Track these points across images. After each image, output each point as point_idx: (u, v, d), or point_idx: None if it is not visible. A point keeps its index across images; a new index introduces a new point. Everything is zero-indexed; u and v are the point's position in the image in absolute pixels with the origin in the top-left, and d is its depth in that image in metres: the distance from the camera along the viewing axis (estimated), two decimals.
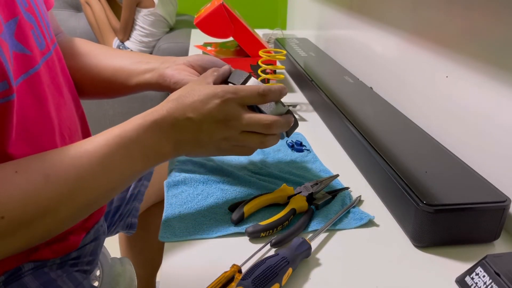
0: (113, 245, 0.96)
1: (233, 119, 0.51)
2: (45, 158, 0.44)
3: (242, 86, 0.52)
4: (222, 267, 0.47)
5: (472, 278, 0.45)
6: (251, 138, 0.53)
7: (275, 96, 0.54)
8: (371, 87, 0.96)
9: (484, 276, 0.44)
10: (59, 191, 0.42)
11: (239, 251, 0.51)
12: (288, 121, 0.55)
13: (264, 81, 0.95)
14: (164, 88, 0.63)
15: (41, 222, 0.42)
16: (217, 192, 0.62)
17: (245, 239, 0.53)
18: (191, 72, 0.63)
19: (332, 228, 0.55)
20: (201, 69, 0.64)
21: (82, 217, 0.47)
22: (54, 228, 0.45)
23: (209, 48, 1.20)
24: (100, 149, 0.45)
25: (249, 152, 0.55)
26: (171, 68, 0.63)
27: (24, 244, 0.43)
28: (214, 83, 0.55)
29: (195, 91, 0.50)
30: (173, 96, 0.51)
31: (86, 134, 0.65)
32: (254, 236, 0.53)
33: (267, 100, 0.53)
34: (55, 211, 0.42)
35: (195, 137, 0.50)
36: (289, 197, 0.59)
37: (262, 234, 0.53)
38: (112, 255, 0.79)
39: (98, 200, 0.46)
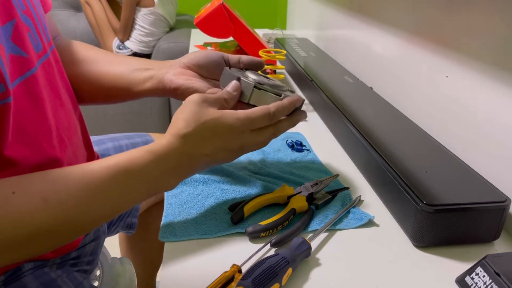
0: (113, 245, 0.96)
1: (248, 145, 0.52)
2: (45, 180, 0.43)
3: (253, 113, 0.52)
4: (222, 267, 0.47)
5: (472, 278, 0.45)
6: (262, 136, 0.53)
7: (284, 113, 0.54)
8: (371, 87, 0.96)
9: (484, 276, 0.44)
10: (55, 216, 0.42)
11: (239, 251, 0.51)
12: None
13: None
14: (166, 93, 0.63)
15: (33, 244, 0.41)
16: (217, 192, 0.62)
17: (245, 239, 0.54)
18: (189, 75, 0.63)
19: (332, 228, 0.55)
20: (197, 69, 0.64)
21: (76, 238, 0.46)
22: (47, 249, 0.44)
23: (209, 48, 1.20)
24: (103, 179, 0.44)
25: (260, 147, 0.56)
26: (169, 73, 0.63)
27: (12, 261, 0.42)
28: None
29: (210, 125, 0.49)
30: (186, 129, 0.49)
31: (84, 135, 0.65)
32: (254, 236, 0.53)
33: (278, 118, 0.54)
34: (49, 234, 0.42)
35: (207, 165, 0.51)
36: (289, 197, 0.59)
37: (262, 234, 0.53)
38: (112, 255, 0.79)
39: (97, 223, 0.46)
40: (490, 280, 0.44)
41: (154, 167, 0.47)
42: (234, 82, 0.56)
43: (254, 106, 0.55)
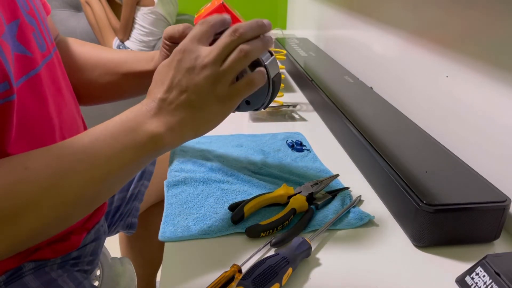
0: (113, 245, 0.96)
1: (201, 57, 0.45)
2: (28, 152, 0.42)
3: (196, 27, 0.48)
4: (222, 267, 0.47)
5: (472, 278, 0.46)
6: (231, 57, 0.45)
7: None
8: (371, 87, 0.96)
9: (484, 276, 0.44)
10: (39, 183, 0.40)
11: (239, 251, 0.51)
12: (258, 21, 0.47)
13: None
14: None
15: (23, 218, 0.39)
16: (217, 192, 0.62)
17: (245, 239, 0.54)
18: None
19: (332, 228, 0.55)
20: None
21: (74, 215, 0.44)
22: (40, 224, 0.41)
23: None
24: (83, 139, 0.43)
25: (251, 80, 0.47)
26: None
27: (8, 244, 0.40)
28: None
29: (162, 67, 0.47)
30: (150, 86, 0.48)
31: None
32: (254, 236, 0.53)
33: (219, 24, 0.47)
34: (36, 205, 0.40)
35: (185, 101, 0.45)
36: (289, 197, 0.59)
37: (262, 234, 0.53)
38: (112, 255, 0.79)
39: (85, 194, 0.43)
40: (490, 280, 0.44)
41: (128, 117, 0.45)
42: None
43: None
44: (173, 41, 0.58)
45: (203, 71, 0.45)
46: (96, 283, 0.72)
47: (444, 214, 0.51)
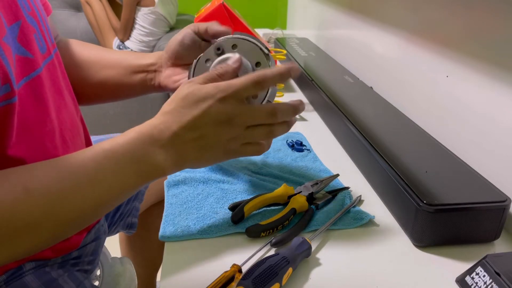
0: (113, 245, 0.96)
1: (235, 116, 0.46)
2: (28, 169, 0.41)
3: (234, 80, 0.47)
4: (222, 267, 0.47)
5: (472, 278, 0.46)
6: (258, 130, 0.48)
7: (275, 80, 0.48)
8: (371, 87, 0.96)
9: (484, 276, 0.44)
10: (40, 205, 0.39)
11: (239, 251, 0.51)
12: (295, 107, 0.51)
13: None
14: (164, 91, 0.67)
15: (21, 238, 0.39)
16: (217, 192, 0.62)
17: (245, 239, 0.54)
18: (178, 72, 0.64)
19: (332, 228, 0.55)
20: (181, 61, 0.63)
21: (69, 234, 0.44)
22: (37, 244, 0.42)
23: None
24: (87, 162, 0.42)
25: (259, 150, 0.50)
26: (161, 76, 0.65)
27: (1, 261, 0.40)
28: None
29: (189, 97, 0.46)
30: (168, 107, 0.47)
31: (86, 137, 0.65)
32: (254, 235, 0.53)
33: (266, 87, 0.48)
34: (36, 226, 0.40)
35: (199, 145, 0.46)
36: (289, 197, 0.59)
37: (262, 234, 0.53)
38: (113, 255, 0.79)
39: (84, 216, 0.43)
40: (490, 280, 0.44)
41: (138, 144, 0.44)
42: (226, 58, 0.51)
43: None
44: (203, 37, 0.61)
45: (230, 130, 0.47)
46: (96, 283, 0.72)
47: (444, 214, 0.51)
